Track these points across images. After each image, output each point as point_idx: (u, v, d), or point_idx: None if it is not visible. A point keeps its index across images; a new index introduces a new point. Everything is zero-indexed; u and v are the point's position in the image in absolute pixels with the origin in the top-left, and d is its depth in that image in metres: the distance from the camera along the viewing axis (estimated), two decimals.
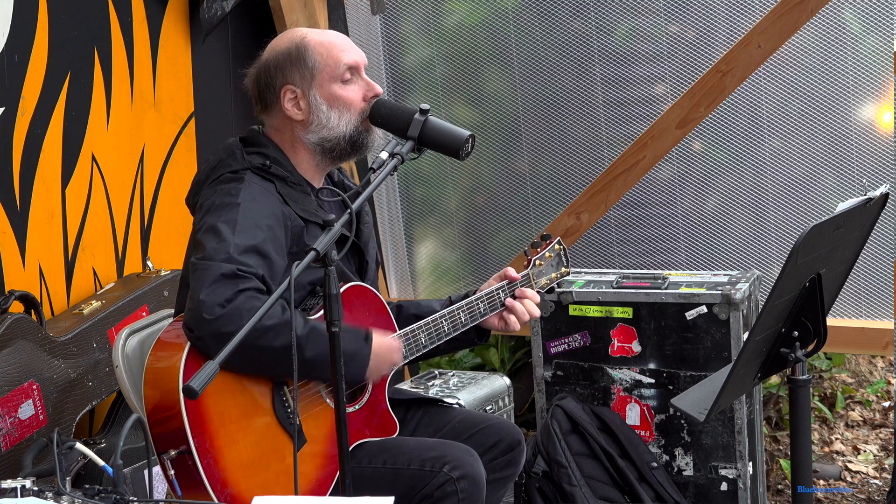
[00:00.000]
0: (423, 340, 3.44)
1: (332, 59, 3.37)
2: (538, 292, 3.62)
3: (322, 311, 3.03)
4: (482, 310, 3.53)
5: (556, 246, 3.69)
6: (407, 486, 3.30)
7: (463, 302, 3.50)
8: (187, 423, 3.08)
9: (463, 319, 3.49)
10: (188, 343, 3.12)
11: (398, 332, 3.44)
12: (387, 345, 3.32)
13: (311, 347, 3.14)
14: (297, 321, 3.11)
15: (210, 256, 3.12)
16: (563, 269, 3.70)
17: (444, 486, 3.28)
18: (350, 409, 3.34)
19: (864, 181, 4.66)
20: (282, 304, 3.12)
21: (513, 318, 3.54)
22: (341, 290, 3.29)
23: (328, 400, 3.29)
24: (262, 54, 3.44)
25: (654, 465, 4.44)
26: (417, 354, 3.45)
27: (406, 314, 3.55)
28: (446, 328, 3.47)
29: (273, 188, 3.31)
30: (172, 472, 3.09)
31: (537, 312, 3.57)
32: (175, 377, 3.10)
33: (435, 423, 3.59)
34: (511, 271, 3.58)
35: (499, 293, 3.55)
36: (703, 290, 4.43)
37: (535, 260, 3.64)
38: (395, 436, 3.46)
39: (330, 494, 3.27)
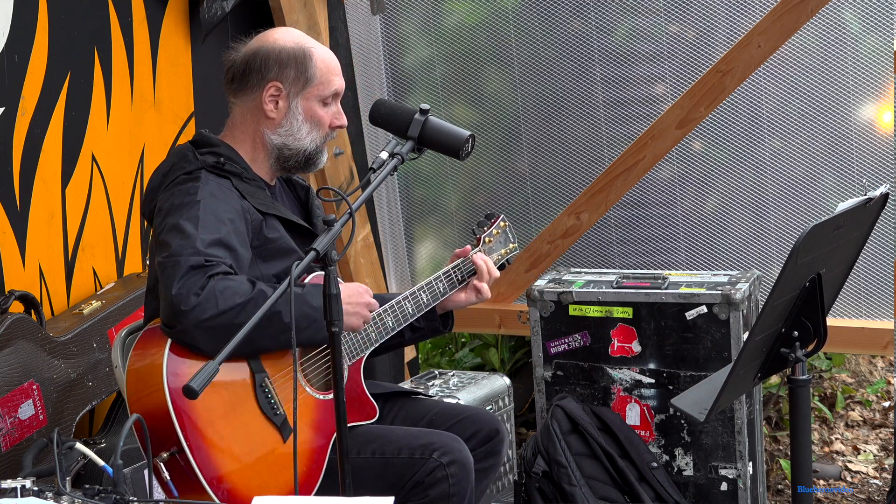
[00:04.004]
0: (390, 323, 3.52)
1: (327, 80, 3.44)
2: None
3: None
4: (441, 289, 3.61)
5: (502, 223, 3.80)
6: (397, 475, 3.35)
7: (422, 283, 3.59)
8: (177, 423, 3.09)
9: (425, 300, 3.59)
10: (168, 341, 3.14)
11: None
12: (353, 289, 3.36)
13: (287, 310, 3.12)
14: (269, 290, 3.15)
15: (177, 252, 3.15)
16: (511, 245, 3.82)
17: (435, 472, 3.34)
18: (326, 398, 3.37)
19: (864, 181, 4.66)
20: (251, 281, 3.17)
21: (483, 284, 3.63)
22: (309, 277, 3.36)
23: (308, 388, 3.33)
24: (263, 39, 3.46)
25: (654, 465, 4.44)
26: (386, 337, 3.51)
27: None
28: (410, 309, 3.55)
29: (229, 184, 3.35)
30: (167, 474, 3.09)
31: (497, 272, 3.68)
32: (159, 377, 3.12)
33: (412, 416, 3.64)
34: (466, 250, 3.69)
35: (455, 271, 3.64)
36: (703, 290, 4.43)
37: (483, 237, 3.74)
38: (380, 425, 3.50)
39: (323, 487, 3.28)
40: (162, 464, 3.08)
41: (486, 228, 3.75)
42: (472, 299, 3.66)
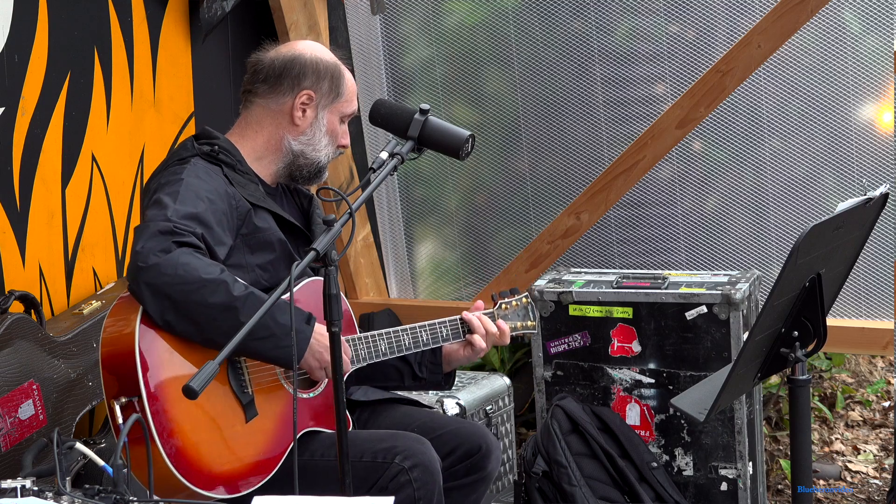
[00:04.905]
0: (382, 348, 3.49)
1: (350, 99, 3.54)
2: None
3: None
4: (444, 333, 3.58)
5: (524, 300, 3.76)
6: (360, 479, 3.32)
7: (425, 323, 3.56)
8: (140, 367, 3.12)
9: (424, 338, 3.55)
10: None
11: (360, 334, 3.48)
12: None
13: (247, 312, 3.13)
14: (236, 284, 3.16)
15: (150, 219, 3.21)
16: (530, 323, 3.76)
17: (398, 477, 3.32)
18: (305, 395, 3.39)
19: (864, 181, 4.67)
20: (221, 267, 3.19)
21: (476, 336, 3.59)
22: (304, 282, 3.39)
23: (284, 384, 3.34)
24: (299, 48, 3.53)
25: (654, 465, 4.44)
26: (375, 360, 3.48)
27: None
28: (407, 342, 3.52)
29: (220, 171, 3.39)
30: (121, 419, 3.11)
31: (494, 329, 3.61)
32: (132, 324, 3.16)
33: (397, 426, 3.60)
34: (478, 305, 3.66)
35: (460, 322, 3.61)
36: (703, 290, 4.43)
37: (501, 303, 3.71)
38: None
39: (273, 482, 3.28)
40: (119, 407, 3.10)
41: (506, 297, 3.74)
42: (470, 355, 3.63)
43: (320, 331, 3.28)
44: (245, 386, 3.29)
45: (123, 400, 3.13)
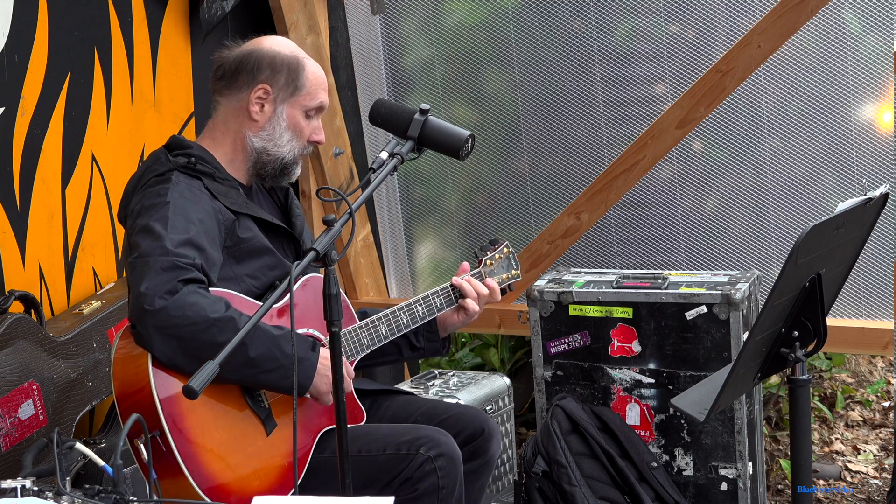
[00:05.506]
0: (383, 331, 3.52)
1: (313, 93, 3.48)
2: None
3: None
4: (438, 304, 3.62)
5: (505, 249, 3.82)
6: (383, 472, 3.36)
7: (419, 296, 3.60)
8: (159, 405, 3.10)
9: (420, 312, 3.59)
10: None
11: (359, 322, 3.50)
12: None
13: (255, 347, 3.17)
14: (241, 318, 3.15)
15: (146, 253, 3.17)
16: (514, 272, 3.83)
17: (423, 466, 3.35)
18: None
19: (864, 181, 4.66)
20: (226, 302, 3.17)
21: (469, 300, 3.63)
22: (301, 281, 3.40)
23: None
24: (258, 43, 3.50)
25: (654, 465, 4.44)
26: (378, 345, 3.52)
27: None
28: (405, 320, 3.56)
29: (200, 185, 3.36)
30: (145, 454, 3.11)
31: (485, 290, 3.67)
32: (144, 362, 3.14)
33: (400, 415, 3.65)
34: (465, 267, 3.71)
35: (451, 289, 3.65)
36: (703, 290, 4.43)
37: (485, 260, 3.76)
38: (366, 423, 3.52)
39: (303, 486, 3.29)
40: (142, 444, 3.10)
41: (488, 252, 3.78)
42: (464, 318, 3.68)
43: (326, 355, 3.28)
44: (260, 398, 3.29)
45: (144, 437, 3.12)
